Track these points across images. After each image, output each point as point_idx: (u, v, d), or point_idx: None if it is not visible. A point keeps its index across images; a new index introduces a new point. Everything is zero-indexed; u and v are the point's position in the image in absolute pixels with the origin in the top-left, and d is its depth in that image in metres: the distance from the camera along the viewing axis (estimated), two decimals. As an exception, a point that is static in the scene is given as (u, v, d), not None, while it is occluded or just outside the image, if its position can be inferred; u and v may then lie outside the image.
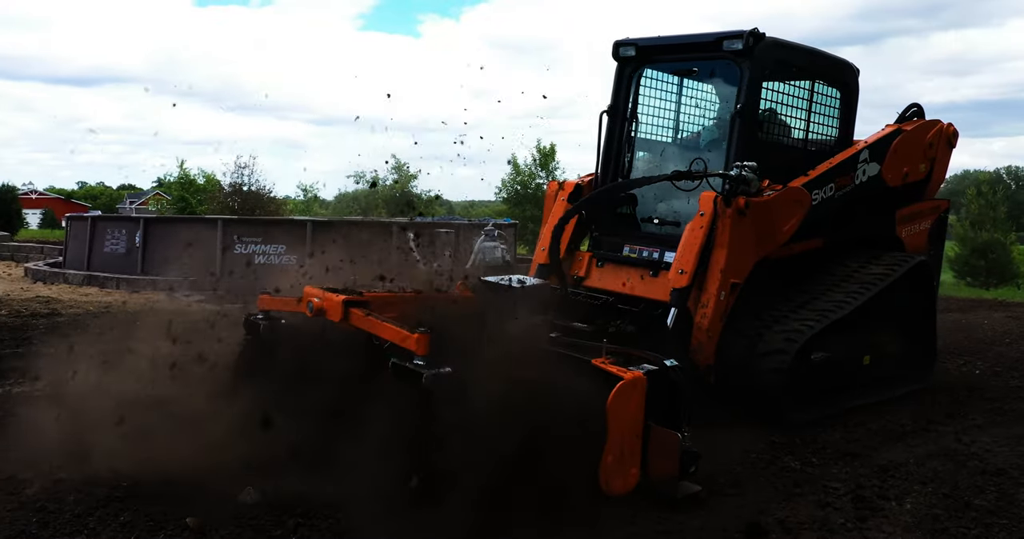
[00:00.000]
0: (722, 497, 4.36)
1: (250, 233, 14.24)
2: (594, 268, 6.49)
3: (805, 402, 5.77)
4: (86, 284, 13.94)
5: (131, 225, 14.97)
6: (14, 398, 5.72)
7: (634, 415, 4.01)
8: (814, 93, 6.47)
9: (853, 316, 6.01)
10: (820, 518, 4.11)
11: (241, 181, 24.42)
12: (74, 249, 15.86)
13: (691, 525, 3.97)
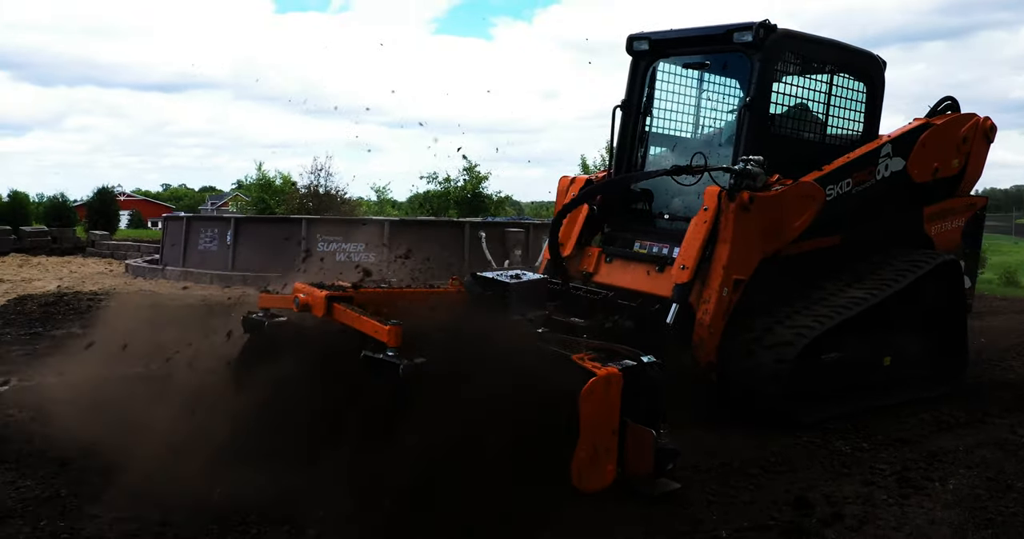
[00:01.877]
0: (773, 475, 4.58)
1: (332, 232, 14.93)
2: (603, 263, 6.42)
3: (812, 402, 5.65)
4: (182, 279, 14.86)
5: (222, 224, 15.85)
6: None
7: (608, 411, 3.96)
8: (834, 86, 6.33)
9: (869, 316, 5.83)
10: (864, 494, 4.29)
11: (317, 183, 25.35)
12: (170, 247, 16.86)
13: (741, 498, 4.21)
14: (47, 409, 5.50)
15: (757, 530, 3.84)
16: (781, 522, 3.93)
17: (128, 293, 12.59)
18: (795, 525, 3.89)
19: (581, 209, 6.57)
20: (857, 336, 5.88)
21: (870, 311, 5.82)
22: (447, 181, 32.99)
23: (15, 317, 9.89)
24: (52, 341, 8.17)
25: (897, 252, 6.55)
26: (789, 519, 3.96)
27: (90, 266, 18.52)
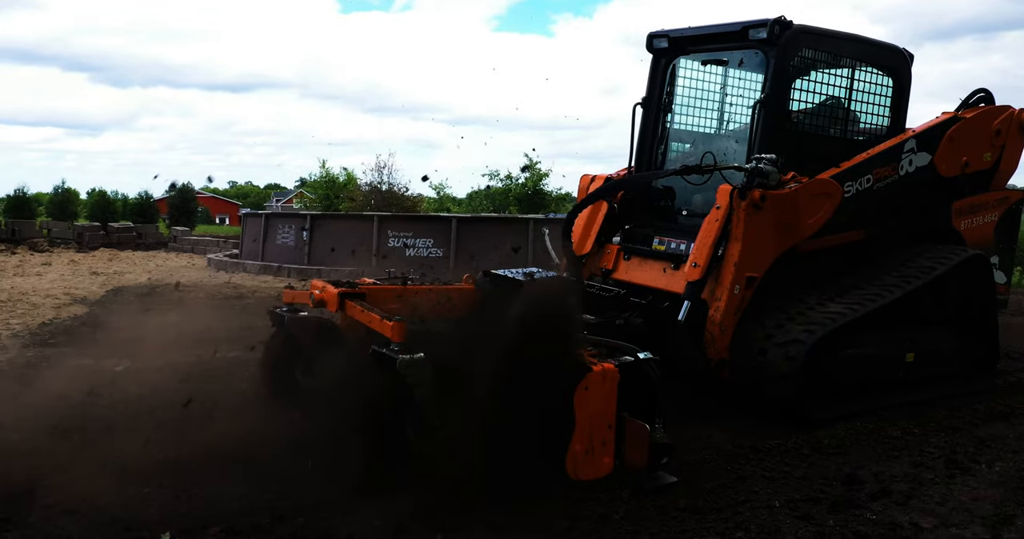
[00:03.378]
0: (825, 455, 4.90)
1: (402, 228, 15.59)
2: (621, 261, 6.39)
3: (827, 399, 5.65)
4: (262, 273, 15.71)
5: (299, 221, 16.68)
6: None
7: (603, 406, 4.06)
8: (857, 81, 6.26)
9: (887, 312, 5.78)
10: (912, 474, 4.56)
11: (380, 179, 25.92)
12: (249, 242, 17.78)
13: (794, 474, 4.55)
14: (161, 386, 6.17)
15: (808, 502, 4.18)
16: (831, 496, 4.26)
17: (215, 285, 13.40)
18: (844, 498, 4.21)
19: (600, 207, 6.59)
20: (875, 333, 5.86)
21: (888, 308, 5.78)
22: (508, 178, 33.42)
23: (117, 306, 10.71)
24: (155, 328, 8.90)
25: (922, 248, 6.47)
26: (839, 493, 4.29)
27: (173, 260, 19.54)
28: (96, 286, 13.14)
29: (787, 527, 3.85)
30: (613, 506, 4.00)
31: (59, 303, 10.83)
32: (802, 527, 3.87)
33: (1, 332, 8.52)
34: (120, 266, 17.33)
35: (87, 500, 3.85)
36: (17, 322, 9.19)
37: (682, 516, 3.96)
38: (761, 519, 3.95)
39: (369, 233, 15.45)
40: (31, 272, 15.46)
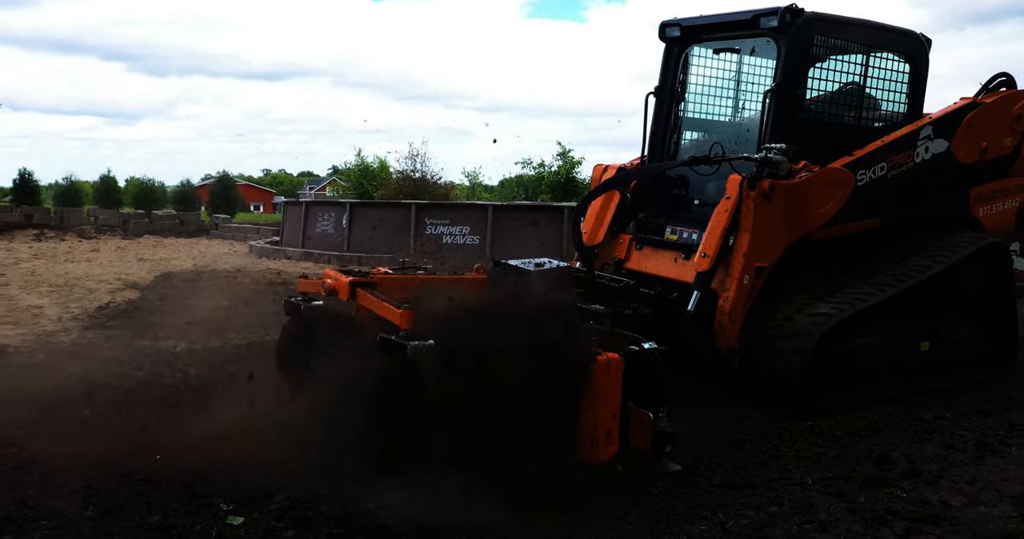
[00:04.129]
0: (858, 437, 5.04)
1: (439, 216, 15.86)
2: (634, 251, 6.37)
3: (838, 388, 5.64)
4: (303, 259, 16.11)
5: (338, 209, 17.03)
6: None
7: (608, 394, 4.08)
8: (873, 68, 6.18)
9: (900, 301, 5.75)
10: (942, 456, 4.69)
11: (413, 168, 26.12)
12: (290, 229, 18.19)
13: (827, 454, 4.71)
14: (218, 365, 6.49)
15: (840, 480, 4.34)
16: (862, 474, 4.41)
17: (258, 271, 13.79)
18: (875, 477, 4.36)
19: (613, 197, 6.57)
20: (887, 322, 5.84)
21: (900, 297, 5.75)
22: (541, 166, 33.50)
23: (167, 291, 11.12)
24: (204, 311, 9.26)
25: (938, 236, 6.38)
26: (870, 472, 4.44)
27: (215, 247, 20.04)
28: (145, 272, 13.60)
29: (819, 503, 4.02)
30: (651, 483, 4.20)
31: (112, 288, 11.27)
32: (834, 503, 4.03)
33: (62, 315, 8.93)
34: (165, 253, 17.84)
35: (158, 470, 4.14)
36: (75, 306, 9.61)
37: (717, 491, 4.16)
38: (794, 495, 4.12)
39: (407, 221, 15.75)
40: (81, 258, 16.01)
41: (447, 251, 14.21)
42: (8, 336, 7.71)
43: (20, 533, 3.45)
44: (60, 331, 8.06)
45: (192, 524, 3.56)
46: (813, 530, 3.72)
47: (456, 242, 15.26)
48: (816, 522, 3.79)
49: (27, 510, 3.67)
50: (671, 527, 3.72)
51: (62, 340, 7.62)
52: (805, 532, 3.70)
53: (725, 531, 3.68)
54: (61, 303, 9.72)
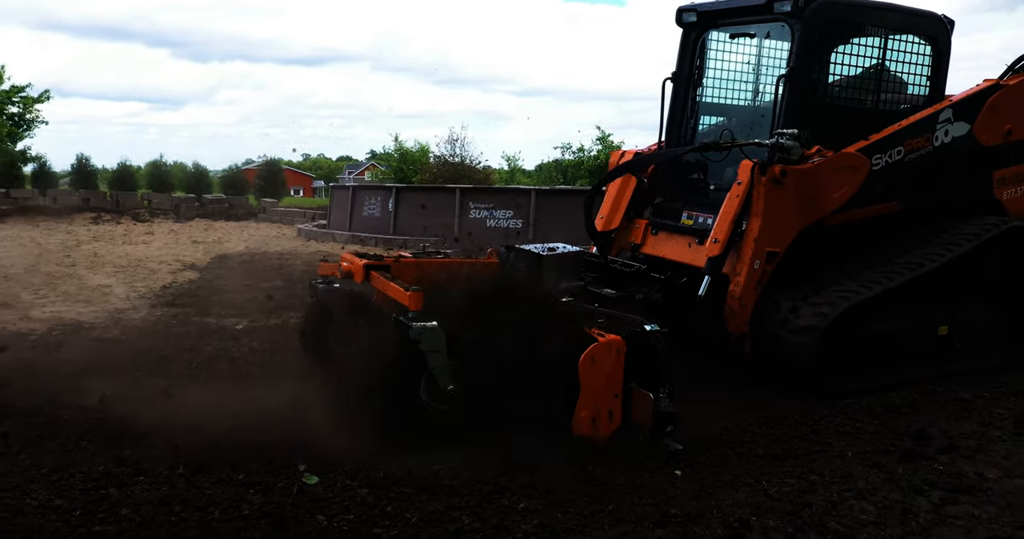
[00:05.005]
0: (897, 414, 5.21)
1: (482, 200, 16.11)
2: (649, 235, 6.43)
3: (850, 372, 5.66)
4: (350, 242, 16.52)
5: (384, 193, 17.39)
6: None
7: (608, 375, 4.20)
8: (891, 51, 6.10)
9: (918, 285, 5.76)
10: (979, 432, 4.85)
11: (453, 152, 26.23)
12: (337, 213, 18.62)
13: (867, 430, 4.90)
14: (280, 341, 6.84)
15: (879, 453, 4.54)
16: (901, 448, 4.60)
17: (309, 253, 14.21)
18: (913, 451, 4.55)
19: (629, 182, 6.62)
20: (903, 306, 5.84)
21: (916, 282, 5.75)
22: (581, 151, 33.53)
23: (224, 272, 11.57)
24: (261, 291, 9.66)
25: (959, 220, 6.33)
26: (908, 447, 4.63)
27: (264, 230, 20.54)
28: (200, 253, 14.10)
29: (858, 473, 4.23)
30: (697, 452, 4.45)
31: (173, 269, 11.76)
32: (872, 474, 4.24)
33: (129, 294, 9.40)
34: (217, 235, 18.36)
35: (235, 434, 4.47)
36: (141, 285, 10.09)
37: (760, 462, 4.39)
38: (834, 466, 4.33)
39: (451, 204, 16.04)
40: (137, 240, 16.59)
41: (490, 235, 14.48)
42: (83, 313, 8.18)
43: (123, 487, 3.81)
44: (129, 309, 8.51)
45: (274, 482, 3.89)
46: (852, 497, 3.93)
47: (499, 226, 15.52)
48: (855, 490, 4.01)
49: (125, 467, 4.04)
50: (716, 492, 3.95)
51: (132, 317, 8.06)
52: (844, 499, 3.91)
53: (768, 496, 3.91)
54: (127, 283, 10.21)
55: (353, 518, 3.56)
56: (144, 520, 3.46)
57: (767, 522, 3.64)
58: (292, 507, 3.63)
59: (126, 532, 3.34)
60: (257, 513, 3.56)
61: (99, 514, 3.50)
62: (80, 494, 3.71)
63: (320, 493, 3.80)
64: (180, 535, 3.34)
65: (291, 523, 3.47)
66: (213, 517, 3.51)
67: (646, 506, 3.77)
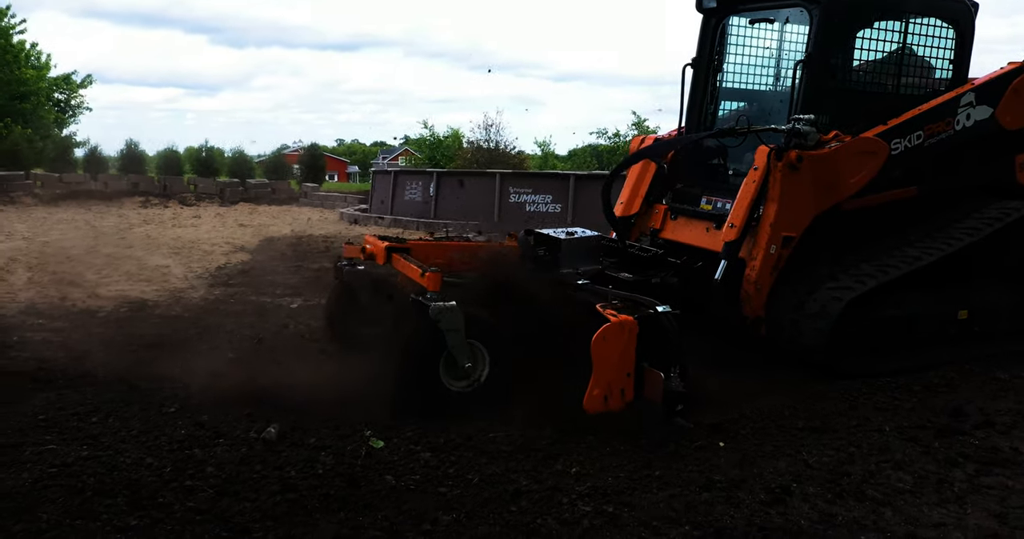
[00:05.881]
0: (934, 392, 5.35)
1: (522, 185, 16.34)
2: (668, 220, 6.45)
3: (867, 356, 5.71)
4: (392, 226, 16.86)
5: (426, 178, 17.71)
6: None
7: (621, 355, 4.30)
8: (912, 35, 6.05)
9: (937, 269, 5.77)
10: (1016, 410, 4.98)
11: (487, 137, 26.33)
12: (379, 197, 18.98)
13: (904, 406, 5.06)
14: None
15: (916, 428, 4.71)
16: (937, 424, 4.77)
17: (353, 236, 14.56)
18: (950, 427, 4.71)
19: (649, 168, 6.66)
20: (921, 291, 5.87)
21: (934, 266, 5.77)
22: (616, 136, 33.58)
23: (273, 254, 11.95)
24: (313, 272, 10.01)
25: (979, 204, 6.32)
26: (945, 423, 4.79)
27: (306, 214, 20.95)
28: (248, 236, 14.52)
29: (896, 446, 4.42)
30: (741, 424, 4.67)
31: (225, 250, 12.18)
32: (909, 447, 4.42)
33: (187, 274, 9.80)
34: (262, 219, 18.82)
35: (304, 402, 4.78)
36: (197, 266, 10.50)
37: (801, 434, 4.59)
38: (872, 439, 4.52)
39: (491, 189, 16.29)
40: (186, 224, 17.07)
41: (530, 219, 14.71)
42: (146, 291, 8.58)
43: (205, 448, 4.13)
44: (188, 288, 8.90)
45: (343, 446, 4.18)
46: (889, 468, 4.12)
47: (539, 210, 15.74)
48: (892, 461, 4.20)
49: (205, 431, 4.36)
50: (758, 461, 4.17)
51: (192, 296, 8.44)
52: (881, 469, 4.10)
53: (808, 466, 4.12)
54: (184, 263, 10.63)
55: (419, 478, 3.83)
56: (228, 477, 3.77)
57: (807, 489, 3.85)
58: (362, 468, 3.91)
59: (215, 487, 3.65)
60: (331, 472, 3.85)
61: (188, 471, 3.82)
62: (168, 454, 4.03)
63: (386, 456, 4.08)
64: (263, 490, 3.64)
65: (362, 482, 3.76)
66: (291, 475, 3.81)
67: (691, 472, 4.00)
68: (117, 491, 3.57)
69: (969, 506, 3.72)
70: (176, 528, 3.27)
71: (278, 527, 3.32)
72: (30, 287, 8.60)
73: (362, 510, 3.49)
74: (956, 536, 3.41)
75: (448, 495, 3.67)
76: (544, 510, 3.53)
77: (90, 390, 5.02)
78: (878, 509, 3.66)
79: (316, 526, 3.33)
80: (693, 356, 4.74)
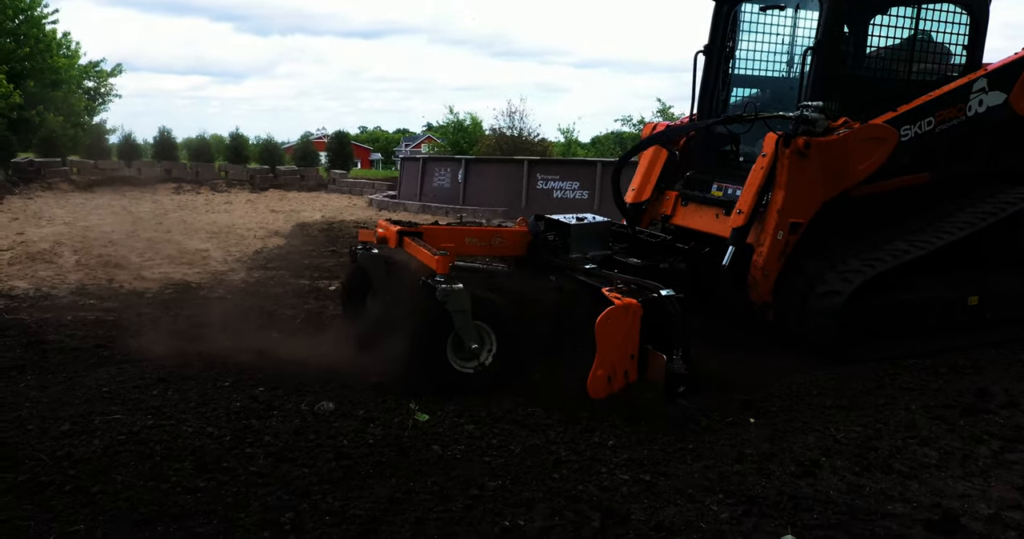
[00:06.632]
0: (960, 374, 5.50)
1: (550, 171, 16.48)
2: (679, 207, 6.49)
3: (875, 342, 5.78)
4: (421, 212, 17.10)
5: (454, 164, 17.90)
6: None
7: (625, 337, 4.36)
8: (925, 20, 6.03)
9: (946, 255, 5.81)
10: (1042, 391, 5.19)
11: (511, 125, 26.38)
12: (407, 183, 19.20)
13: (930, 387, 5.20)
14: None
15: (942, 407, 4.85)
16: (963, 404, 4.90)
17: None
18: (975, 406, 4.84)
19: (660, 155, 6.71)
20: (930, 276, 5.92)
21: (943, 252, 5.79)
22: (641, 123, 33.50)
23: (307, 239, 12.21)
24: (345, 255, 10.21)
25: (991, 190, 6.33)
26: (970, 402, 4.93)
27: (335, 200, 21.23)
28: (281, 222, 14.79)
29: (922, 423, 4.56)
30: (771, 402, 4.84)
31: (260, 235, 12.45)
32: (935, 424, 4.56)
33: (226, 258, 10.08)
34: (292, 205, 19.11)
35: (349, 377, 5.00)
36: (235, 250, 10.78)
37: (829, 412, 4.75)
38: (899, 417, 4.67)
39: (519, 176, 16.45)
40: (219, 209, 17.39)
41: (557, 205, 14.86)
42: (188, 274, 8.86)
43: (261, 419, 4.36)
44: (229, 271, 9.17)
45: (390, 418, 4.40)
46: (915, 443, 4.27)
47: (566, 197, 15.88)
48: (918, 437, 4.35)
49: (259, 404, 4.60)
50: (788, 436, 4.34)
51: (233, 278, 8.71)
52: (908, 445, 4.25)
53: (836, 441, 4.28)
54: (222, 248, 10.91)
55: (464, 448, 4.04)
56: (285, 445, 4.00)
57: (836, 462, 4.02)
58: (409, 438, 4.13)
59: (273, 454, 3.88)
60: (380, 442, 4.07)
61: (247, 439, 4.06)
62: (226, 423, 4.27)
63: (432, 428, 4.29)
64: (319, 457, 3.86)
65: (411, 451, 3.97)
66: (343, 445, 4.03)
67: (723, 446, 4.18)
68: (184, 456, 3.81)
69: (993, 479, 3.86)
70: (241, 490, 3.51)
71: (335, 490, 3.54)
72: (78, 269, 8.91)
73: (412, 476, 3.70)
74: (980, 506, 3.56)
75: (492, 464, 3.87)
76: (584, 478, 3.72)
77: (147, 365, 5.28)
78: (904, 482, 3.82)
79: (371, 490, 3.55)
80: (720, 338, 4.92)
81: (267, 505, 3.38)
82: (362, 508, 3.36)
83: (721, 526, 3.29)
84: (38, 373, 5.13)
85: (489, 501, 3.46)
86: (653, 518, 3.32)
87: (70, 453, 3.82)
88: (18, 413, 4.36)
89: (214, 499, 3.41)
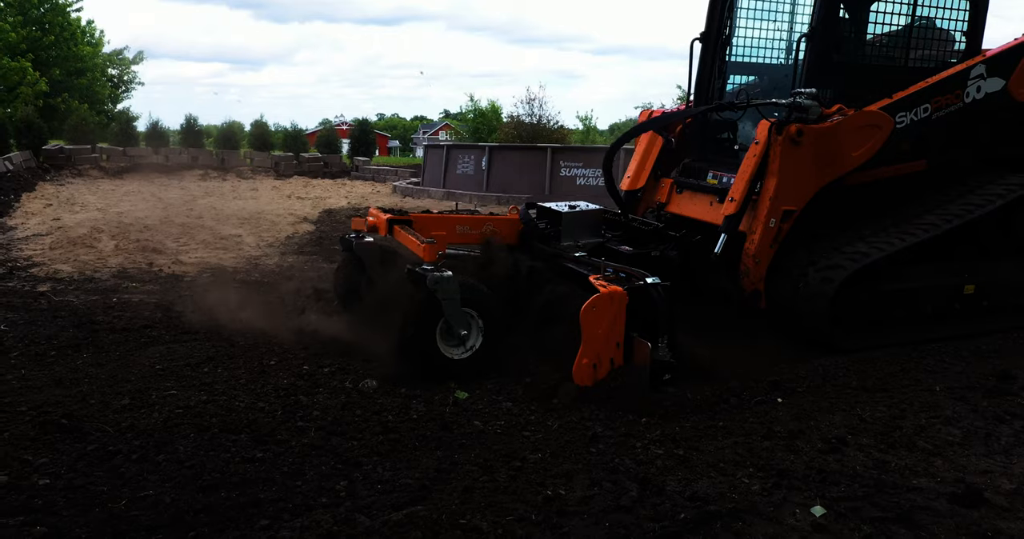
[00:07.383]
0: (983, 358, 5.60)
1: (573, 158, 16.62)
2: (674, 194, 6.49)
3: (867, 330, 5.77)
4: (445, 199, 17.28)
5: (478, 152, 18.07)
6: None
7: (610, 325, 4.38)
8: (920, 6, 5.99)
9: (940, 243, 5.80)
10: (1063, 375, 5.32)
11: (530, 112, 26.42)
12: (431, 171, 19.40)
13: (954, 370, 5.32)
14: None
15: (965, 389, 4.97)
16: (986, 386, 5.02)
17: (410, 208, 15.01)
18: (997, 389, 4.96)
19: (656, 142, 6.72)
20: (924, 265, 5.91)
21: (937, 240, 5.78)
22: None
23: (336, 225, 12.43)
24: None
25: (992, 177, 6.30)
26: (992, 385, 5.04)
27: (359, 187, 21.46)
28: (308, 208, 15.03)
29: (945, 404, 4.69)
30: (798, 382, 4.99)
31: (290, 221, 12.68)
32: (959, 405, 4.69)
33: (259, 243, 10.32)
34: (317, 192, 19.35)
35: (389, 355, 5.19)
36: (267, 235, 11.02)
37: (854, 393, 4.89)
38: (923, 398, 4.80)
39: (542, 163, 16.59)
40: (246, 196, 17.65)
41: (581, 192, 14.99)
42: (224, 258, 9.10)
43: (309, 395, 4.58)
44: (262, 256, 9.41)
45: (432, 395, 4.60)
46: (939, 423, 4.41)
47: (589, 183, 16.01)
48: (942, 417, 4.48)
49: (305, 381, 4.81)
50: (815, 416, 4.48)
51: (267, 263, 8.94)
52: (932, 424, 4.39)
53: (862, 420, 4.43)
54: (255, 233, 11.16)
55: (504, 424, 4.23)
56: (334, 419, 4.21)
57: (861, 440, 4.16)
58: (451, 414, 4.33)
59: (323, 428, 4.09)
60: (424, 418, 4.27)
61: (297, 413, 4.27)
62: (276, 399, 4.49)
63: (472, 405, 4.49)
64: (367, 431, 4.07)
65: (453, 426, 4.17)
66: (389, 419, 4.23)
67: (752, 424, 4.34)
68: (240, 429, 4.02)
69: (1015, 457, 3.99)
70: (296, 460, 3.71)
71: (384, 461, 3.74)
72: (118, 254, 9.17)
73: (456, 449, 3.90)
74: (1002, 482, 3.70)
75: (532, 438, 4.06)
76: (620, 452, 3.90)
77: (196, 344, 5.51)
78: (928, 458, 3.96)
79: (418, 461, 3.75)
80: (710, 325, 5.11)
81: (322, 474, 3.59)
82: (411, 477, 3.55)
83: (753, 497, 3.45)
84: (93, 351, 5.37)
85: (531, 472, 3.64)
86: (688, 489, 3.49)
87: (133, 425, 4.04)
88: (80, 389, 4.59)
89: (271, 468, 3.62)
